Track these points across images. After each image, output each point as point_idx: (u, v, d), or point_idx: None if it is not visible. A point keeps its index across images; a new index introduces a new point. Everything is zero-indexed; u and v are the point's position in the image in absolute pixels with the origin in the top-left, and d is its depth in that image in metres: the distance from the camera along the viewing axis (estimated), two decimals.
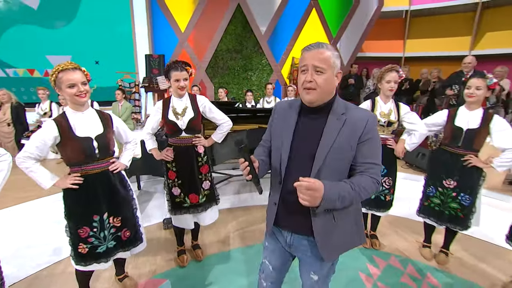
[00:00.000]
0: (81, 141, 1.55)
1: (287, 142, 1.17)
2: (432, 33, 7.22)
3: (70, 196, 1.61)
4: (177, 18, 5.92)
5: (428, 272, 2.24)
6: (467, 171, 2.07)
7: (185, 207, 2.18)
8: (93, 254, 1.66)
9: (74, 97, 1.52)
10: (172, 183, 2.15)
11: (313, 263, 1.27)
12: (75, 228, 1.62)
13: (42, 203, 3.32)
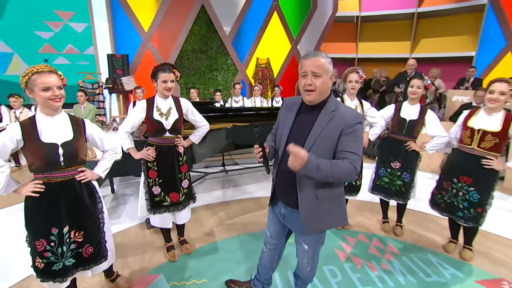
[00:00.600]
0: (45, 146, 1.47)
1: (287, 131, 1.41)
2: (380, 37, 8.05)
3: (30, 205, 1.52)
4: (140, 17, 5.78)
5: (389, 242, 2.66)
6: (408, 154, 2.52)
7: (165, 206, 2.23)
8: (49, 271, 1.54)
9: (48, 101, 1.46)
10: (153, 182, 2.19)
11: (302, 234, 1.52)
12: (32, 240, 1.53)
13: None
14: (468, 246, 2.48)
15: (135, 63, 5.93)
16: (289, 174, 1.33)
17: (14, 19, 5.03)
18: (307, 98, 1.33)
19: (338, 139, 1.33)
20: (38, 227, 1.52)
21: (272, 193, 1.56)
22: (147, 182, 2.20)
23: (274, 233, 1.66)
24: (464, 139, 2.25)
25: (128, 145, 2.18)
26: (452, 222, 2.53)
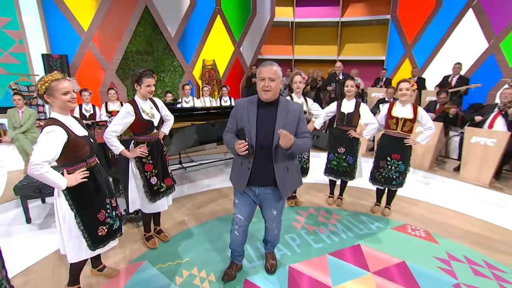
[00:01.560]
0: (83, 138, 1.77)
1: (254, 125, 1.81)
2: (312, 41, 9.07)
3: (80, 189, 1.75)
4: (78, 16, 5.49)
5: (333, 212, 3.32)
6: (350, 141, 3.18)
7: (162, 192, 2.53)
8: (111, 232, 1.95)
9: (67, 103, 1.70)
10: (150, 174, 2.44)
11: (273, 203, 1.99)
12: (92, 215, 1.84)
13: None
14: (388, 206, 3.29)
15: (75, 64, 5.60)
16: (266, 159, 1.80)
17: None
18: (265, 96, 1.77)
19: (297, 125, 1.84)
20: (97, 202, 1.87)
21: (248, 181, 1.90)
22: (144, 176, 2.41)
23: (247, 215, 2.04)
24: (390, 125, 2.99)
25: (120, 147, 2.30)
26: (378, 190, 3.31)
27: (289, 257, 2.50)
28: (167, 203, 2.66)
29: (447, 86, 5.63)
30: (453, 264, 2.41)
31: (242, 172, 1.89)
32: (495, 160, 3.76)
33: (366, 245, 2.68)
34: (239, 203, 2.03)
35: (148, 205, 2.51)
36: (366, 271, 2.33)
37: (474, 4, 6.13)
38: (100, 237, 1.87)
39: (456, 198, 3.80)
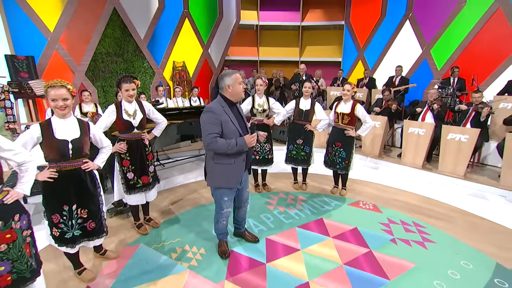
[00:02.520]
0: (58, 142, 1.90)
1: (236, 125, 2.25)
2: (276, 43, 9.67)
3: (47, 187, 1.95)
4: (43, 16, 5.41)
5: (299, 196, 3.89)
6: (307, 133, 3.76)
7: (138, 187, 2.80)
8: (62, 238, 2.02)
9: (55, 109, 1.91)
10: (127, 169, 2.73)
11: (247, 183, 2.48)
12: (49, 214, 1.98)
13: None
14: (344, 187, 3.94)
15: (42, 65, 5.51)
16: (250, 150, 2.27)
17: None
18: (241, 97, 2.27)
19: None
20: (54, 204, 1.98)
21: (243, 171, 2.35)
22: (122, 170, 2.70)
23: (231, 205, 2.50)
24: (335, 120, 3.63)
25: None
26: (335, 173, 3.95)
27: (265, 231, 3.00)
28: (148, 198, 2.94)
29: (392, 85, 6.57)
30: (392, 226, 3.10)
31: (238, 166, 2.26)
32: (425, 146, 4.64)
33: (327, 218, 3.28)
34: (227, 199, 2.40)
35: (127, 197, 2.81)
36: (327, 236, 2.91)
37: (410, 16, 7.17)
38: (54, 236, 2.02)
39: (398, 178, 4.61)
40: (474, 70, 5.98)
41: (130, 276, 2.32)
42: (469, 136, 4.16)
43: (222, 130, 2.17)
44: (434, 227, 3.09)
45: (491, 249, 2.71)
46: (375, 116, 5.37)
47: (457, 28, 6.50)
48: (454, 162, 4.36)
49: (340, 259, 2.55)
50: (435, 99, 4.94)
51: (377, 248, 2.71)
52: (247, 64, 9.53)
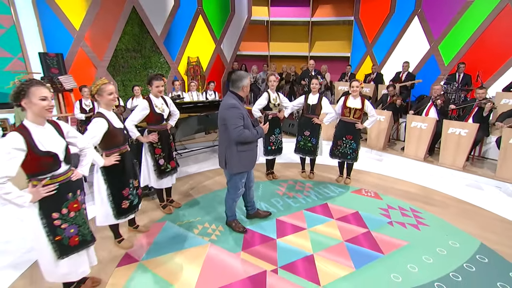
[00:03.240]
0: (118, 130, 2.38)
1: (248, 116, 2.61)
2: (286, 38, 9.89)
3: (112, 170, 2.36)
4: (70, 16, 5.83)
5: (306, 183, 4.24)
6: (314, 126, 4.07)
7: (168, 171, 3.22)
8: (131, 206, 2.54)
9: (111, 101, 2.34)
10: (159, 157, 3.14)
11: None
12: (119, 191, 2.43)
13: None
14: (348, 176, 4.27)
15: (69, 61, 5.96)
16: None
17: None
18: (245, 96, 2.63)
19: None
20: (123, 182, 2.46)
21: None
22: (154, 158, 3.10)
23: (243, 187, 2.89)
24: (345, 114, 3.91)
25: (136, 134, 2.95)
26: (340, 164, 4.27)
27: (276, 213, 3.37)
28: (171, 182, 3.37)
29: (398, 81, 6.77)
30: (390, 211, 3.43)
31: (255, 152, 2.71)
32: (427, 140, 4.89)
33: (331, 203, 3.63)
34: (243, 181, 2.80)
35: (156, 182, 3.21)
36: (331, 218, 3.27)
37: (419, 12, 7.30)
38: (123, 209, 2.47)
39: (400, 169, 4.89)
40: (480, 66, 6.13)
41: (160, 247, 2.73)
42: (468, 131, 4.40)
43: (244, 122, 2.53)
44: (429, 213, 3.41)
45: (478, 231, 3.01)
46: (380, 110, 5.62)
47: (465, 25, 6.61)
48: (454, 155, 4.61)
49: (341, 237, 2.90)
50: (439, 94, 5.15)
51: (375, 229, 3.05)
52: (258, 59, 9.81)
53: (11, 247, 2.72)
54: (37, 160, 1.70)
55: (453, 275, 2.37)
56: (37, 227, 1.77)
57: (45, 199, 1.75)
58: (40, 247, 1.81)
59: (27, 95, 1.67)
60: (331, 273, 2.39)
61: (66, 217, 1.85)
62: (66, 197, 1.86)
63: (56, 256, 1.83)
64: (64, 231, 1.84)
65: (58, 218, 1.82)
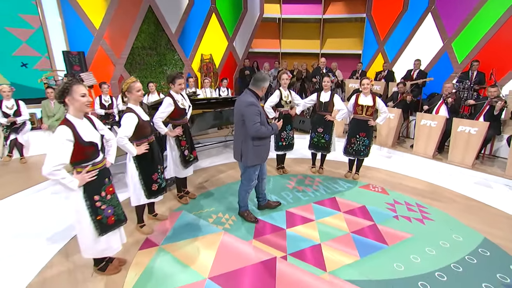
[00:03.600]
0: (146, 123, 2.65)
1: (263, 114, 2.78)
2: (297, 35, 9.95)
3: (142, 158, 2.63)
4: (90, 15, 6.11)
5: (316, 178, 4.38)
6: (326, 123, 4.21)
7: (191, 161, 3.48)
8: (160, 189, 2.83)
9: (139, 97, 2.58)
10: (184, 148, 3.37)
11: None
12: (148, 175, 2.70)
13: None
14: (357, 172, 4.39)
15: (89, 59, 6.25)
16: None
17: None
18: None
19: None
20: (152, 167, 2.73)
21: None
22: (180, 150, 3.33)
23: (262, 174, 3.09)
24: (358, 111, 4.02)
25: (165, 129, 3.18)
26: (351, 160, 4.39)
27: (285, 205, 3.54)
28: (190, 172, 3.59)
29: (409, 78, 6.78)
30: (396, 206, 3.54)
31: (268, 146, 2.91)
32: (436, 138, 4.93)
33: (339, 197, 3.77)
34: (257, 173, 3.00)
35: (181, 171, 3.44)
36: (338, 211, 3.41)
37: (433, 9, 7.24)
38: (153, 191, 2.77)
39: (409, 166, 4.97)
40: (495, 64, 6.07)
41: (178, 233, 2.95)
42: (478, 129, 4.43)
43: (261, 119, 2.72)
44: (434, 208, 3.51)
45: (482, 226, 3.10)
46: (390, 108, 5.68)
47: (480, 22, 6.54)
48: (463, 153, 4.65)
49: (348, 229, 3.05)
50: (449, 93, 5.18)
51: (381, 222, 3.18)
52: (270, 56, 9.92)
53: (48, 229, 3.00)
54: (81, 149, 1.93)
55: (454, 266, 2.49)
56: (81, 209, 2.00)
57: (88, 183, 1.99)
58: (82, 227, 2.04)
59: (70, 92, 1.90)
60: (337, 260, 2.55)
61: (104, 199, 2.09)
62: (104, 182, 2.10)
63: (97, 233, 2.08)
64: (104, 211, 2.08)
65: (99, 200, 2.06)
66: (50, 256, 2.57)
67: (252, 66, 8.83)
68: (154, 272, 2.39)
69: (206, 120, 4.37)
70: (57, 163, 1.81)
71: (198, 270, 2.41)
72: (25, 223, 3.13)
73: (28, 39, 5.42)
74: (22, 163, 4.63)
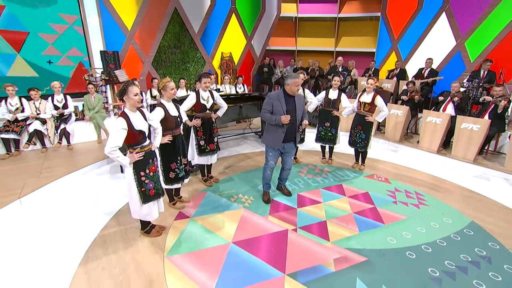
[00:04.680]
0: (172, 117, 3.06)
1: (285, 108, 3.27)
2: (313, 33, 10.30)
3: (165, 146, 3.07)
4: (123, 18, 6.76)
5: (325, 168, 4.85)
6: (333, 118, 4.64)
7: (206, 152, 3.98)
8: (177, 178, 3.22)
9: (173, 95, 3.11)
10: (200, 138, 3.90)
11: (291, 151, 3.52)
12: (168, 163, 3.18)
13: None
14: (363, 163, 4.82)
15: (121, 57, 6.92)
16: (292, 127, 3.30)
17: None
18: (294, 92, 3.25)
19: (303, 108, 3.33)
20: (171, 156, 3.18)
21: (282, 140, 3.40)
22: (196, 138, 3.87)
23: (275, 161, 3.56)
24: (359, 107, 4.46)
25: (185, 117, 3.68)
26: (356, 152, 4.82)
27: (297, 189, 4.04)
28: (212, 161, 4.11)
29: (420, 77, 7.03)
30: (396, 193, 3.97)
31: (279, 135, 3.35)
32: (441, 134, 5.26)
33: (345, 184, 4.23)
34: (272, 155, 3.51)
35: (198, 158, 3.98)
36: (343, 196, 3.88)
37: (447, 9, 7.41)
38: (170, 178, 3.17)
39: (413, 160, 5.32)
40: (506, 64, 6.25)
41: (204, 209, 3.52)
42: (480, 126, 4.73)
43: (273, 109, 3.26)
44: (431, 196, 3.90)
45: (472, 212, 3.49)
46: (398, 105, 6.01)
47: (494, 21, 6.69)
48: (465, 148, 4.96)
49: (351, 210, 3.52)
50: (456, 92, 5.46)
51: (380, 206, 3.63)
52: (286, 54, 10.34)
53: (99, 202, 3.65)
54: (133, 135, 2.51)
55: (440, 241, 2.92)
56: (131, 181, 2.59)
57: (136, 162, 2.57)
58: (132, 194, 2.64)
59: (127, 92, 2.47)
60: (339, 233, 3.04)
61: (148, 175, 2.67)
62: (148, 162, 2.67)
63: (141, 202, 2.66)
64: (147, 185, 2.66)
65: (144, 176, 2.63)
66: (105, 222, 3.21)
67: (269, 64, 9.29)
68: (188, 236, 2.97)
69: (228, 114, 4.90)
70: (113, 146, 2.38)
71: (223, 236, 2.97)
72: (80, 198, 3.79)
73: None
74: (69, 149, 5.36)
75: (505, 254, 2.75)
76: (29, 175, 4.18)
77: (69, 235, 2.97)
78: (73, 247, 2.78)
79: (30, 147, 5.20)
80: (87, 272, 2.45)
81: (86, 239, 2.90)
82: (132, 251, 2.74)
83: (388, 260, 2.66)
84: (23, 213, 3.38)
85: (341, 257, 2.70)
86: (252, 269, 2.52)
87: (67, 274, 2.42)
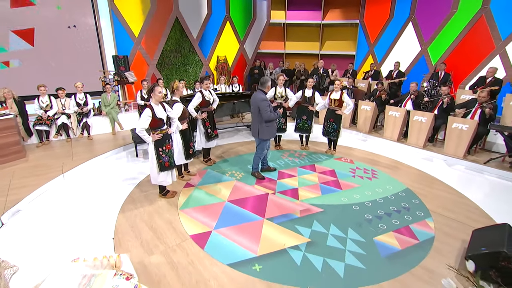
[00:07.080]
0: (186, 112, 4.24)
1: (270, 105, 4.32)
2: (299, 38, 11.37)
3: (184, 130, 4.22)
4: (131, 25, 7.74)
5: (302, 153, 5.93)
6: (309, 112, 5.72)
7: (212, 137, 5.05)
8: (194, 153, 4.43)
9: (181, 94, 4.16)
10: (208, 127, 4.96)
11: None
12: (187, 142, 4.27)
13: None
14: (334, 149, 5.92)
15: (130, 61, 7.91)
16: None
17: None
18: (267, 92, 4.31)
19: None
20: (190, 137, 4.28)
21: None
22: (205, 128, 4.91)
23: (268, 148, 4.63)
24: (330, 103, 5.55)
25: (195, 113, 4.75)
26: (329, 140, 5.92)
27: (278, 167, 5.10)
28: (214, 144, 5.19)
29: (390, 78, 8.16)
30: (356, 170, 5.06)
31: (274, 127, 4.40)
32: (399, 125, 6.38)
33: (317, 164, 5.31)
34: (266, 145, 4.57)
35: (205, 143, 5.04)
36: (314, 172, 4.96)
37: (413, 19, 8.55)
38: (190, 154, 4.36)
39: (379, 148, 6.43)
40: (459, 67, 7.40)
41: (206, 181, 4.56)
42: (427, 118, 5.86)
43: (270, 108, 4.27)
44: (384, 173, 5.01)
45: (410, 182, 4.60)
46: (367, 102, 7.13)
47: (449, 31, 7.84)
48: (417, 137, 6.09)
49: (318, 181, 4.60)
50: (414, 90, 6.58)
51: (342, 178, 4.71)
52: (275, 56, 11.39)
53: (122, 177, 4.68)
54: (155, 121, 3.55)
55: (379, 199, 4.02)
56: (152, 154, 3.64)
57: (157, 141, 3.61)
58: (152, 165, 3.68)
59: (154, 91, 3.51)
60: (306, 195, 4.12)
61: (164, 151, 3.71)
62: (165, 141, 3.72)
63: (158, 170, 3.70)
64: (163, 158, 3.71)
65: (161, 151, 3.68)
66: (130, 189, 4.24)
67: (260, 66, 10.34)
68: (194, 197, 4.02)
69: (223, 110, 5.96)
70: (142, 127, 3.42)
71: (220, 197, 4.03)
72: (107, 174, 4.81)
73: None
74: (89, 139, 6.35)
75: (421, 205, 3.86)
76: (63, 158, 5.18)
77: (106, 197, 4.01)
78: (111, 204, 3.81)
79: (57, 137, 6.18)
80: (125, 217, 3.50)
81: (119, 199, 3.94)
82: (154, 206, 3.78)
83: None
84: (66, 185, 4.40)
85: (305, 209, 3.78)
86: (241, 215, 3.59)
87: (112, 218, 3.47)
